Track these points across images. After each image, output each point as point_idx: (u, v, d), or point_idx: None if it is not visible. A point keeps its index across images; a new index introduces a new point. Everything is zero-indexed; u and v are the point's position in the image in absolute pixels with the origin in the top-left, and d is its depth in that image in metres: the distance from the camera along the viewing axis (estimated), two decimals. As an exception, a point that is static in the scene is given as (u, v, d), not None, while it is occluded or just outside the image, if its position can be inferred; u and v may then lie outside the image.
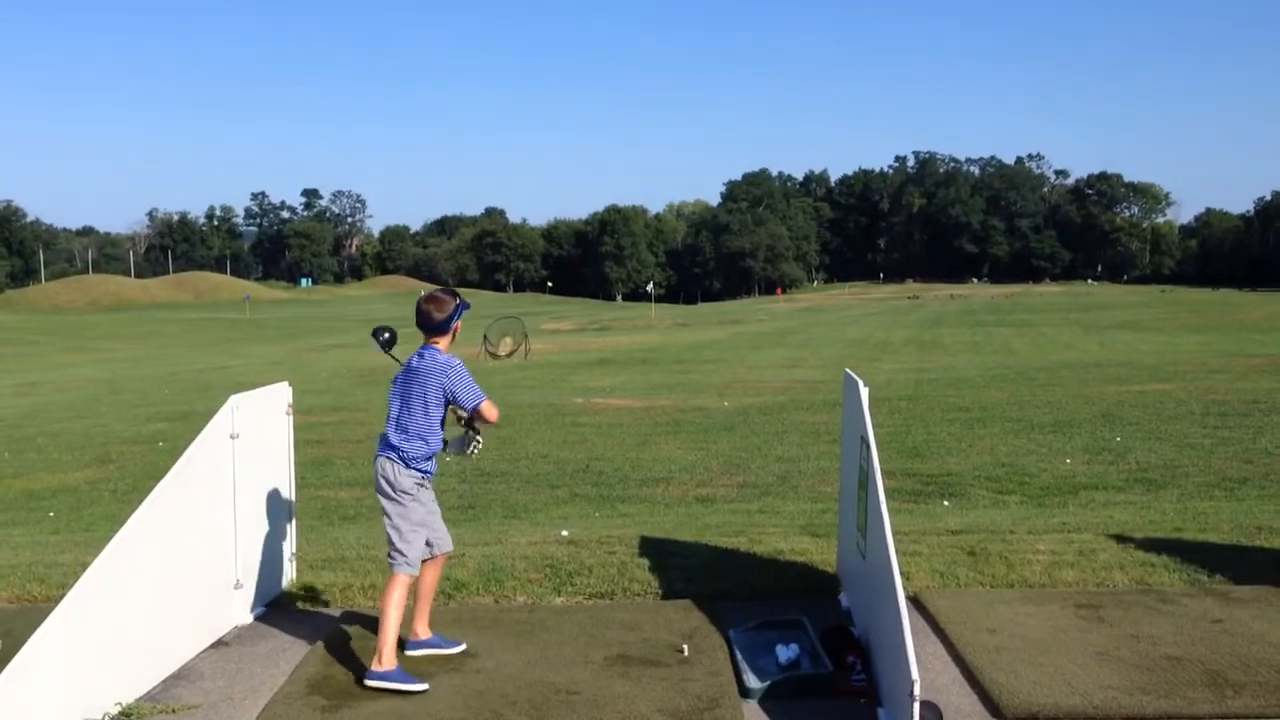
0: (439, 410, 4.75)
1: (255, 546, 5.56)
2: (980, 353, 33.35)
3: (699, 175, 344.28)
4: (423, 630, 4.97)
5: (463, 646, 4.97)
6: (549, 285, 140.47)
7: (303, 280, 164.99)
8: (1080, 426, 13.85)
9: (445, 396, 4.74)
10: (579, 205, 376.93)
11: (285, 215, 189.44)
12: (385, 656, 4.56)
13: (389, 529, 4.78)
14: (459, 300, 4.88)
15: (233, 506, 5.26)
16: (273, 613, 5.62)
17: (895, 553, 4.04)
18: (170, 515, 4.71)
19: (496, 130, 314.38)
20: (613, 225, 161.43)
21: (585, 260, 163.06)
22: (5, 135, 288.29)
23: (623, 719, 4.20)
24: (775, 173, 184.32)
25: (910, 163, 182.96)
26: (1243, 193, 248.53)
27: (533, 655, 4.88)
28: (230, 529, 5.27)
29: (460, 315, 4.87)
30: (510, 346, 36.08)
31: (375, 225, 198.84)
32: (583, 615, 5.46)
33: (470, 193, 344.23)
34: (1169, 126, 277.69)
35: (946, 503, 9.38)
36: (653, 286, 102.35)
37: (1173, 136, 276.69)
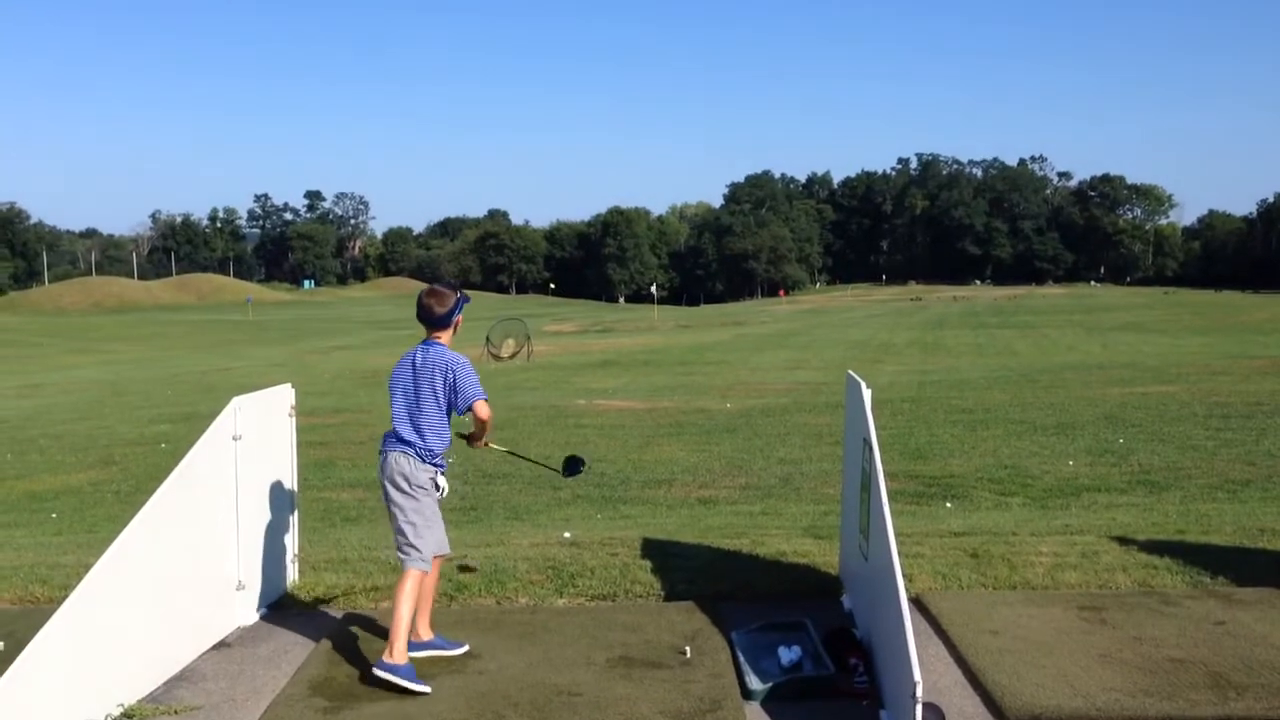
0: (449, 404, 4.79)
1: (257, 548, 5.56)
2: (983, 354, 33.34)
3: (702, 177, 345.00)
4: (425, 631, 4.97)
5: (465, 648, 4.98)
6: (551, 287, 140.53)
7: (305, 282, 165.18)
8: (1083, 428, 13.84)
9: (448, 390, 4.74)
10: (582, 207, 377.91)
11: (288, 217, 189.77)
12: (398, 651, 4.56)
13: (403, 524, 4.77)
14: (460, 294, 4.91)
15: (235, 508, 5.27)
16: (275, 614, 5.63)
17: (897, 554, 4.04)
18: (173, 517, 4.71)
19: (499, 132, 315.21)
20: (615, 227, 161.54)
21: (588, 262, 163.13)
22: (8, 137, 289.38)
23: (625, 721, 4.20)
24: (778, 174, 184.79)
25: (913, 164, 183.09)
26: (1245, 195, 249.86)
27: (535, 657, 4.88)
28: (232, 530, 5.28)
29: (461, 309, 4.90)
30: (513, 348, 36.11)
31: (378, 227, 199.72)
32: (585, 617, 5.46)
33: (473, 194, 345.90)
34: (1172, 128, 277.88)
35: (949, 504, 9.37)
36: (656, 288, 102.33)
37: (1175, 138, 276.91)
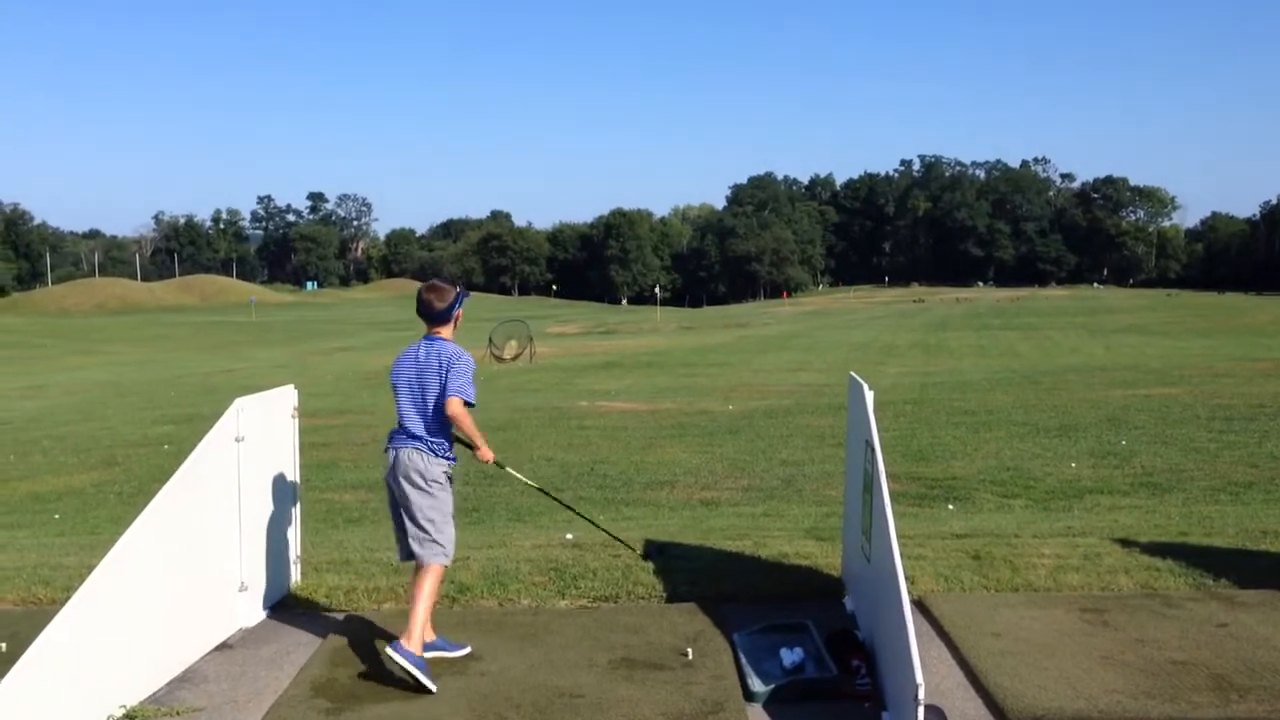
0: None
1: (260, 549, 5.57)
2: (985, 356, 33.32)
3: (704, 179, 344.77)
4: (427, 633, 4.97)
5: (467, 649, 4.98)
6: (554, 288, 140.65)
7: (308, 283, 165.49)
8: (1085, 430, 13.83)
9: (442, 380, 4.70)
10: (584, 209, 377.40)
11: (291, 218, 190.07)
12: (415, 640, 4.58)
13: (422, 522, 4.76)
14: (459, 288, 4.92)
15: (237, 509, 5.27)
16: (277, 615, 5.63)
17: (900, 556, 4.04)
18: (175, 518, 4.72)
19: (501, 133, 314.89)
20: (618, 229, 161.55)
21: (590, 264, 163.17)
22: (12, 139, 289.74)
23: (626, 722, 4.20)
24: (781, 176, 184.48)
25: (916, 166, 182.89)
26: (1248, 197, 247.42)
27: (537, 658, 4.88)
28: (235, 531, 5.29)
29: (461, 303, 4.90)
30: (515, 350, 36.18)
31: (381, 228, 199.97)
32: (587, 618, 5.47)
33: (476, 196, 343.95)
34: (1175, 130, 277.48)
35: (951, 506, 9.36)
36: (660, 289, 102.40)
37: (1178, 140, 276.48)
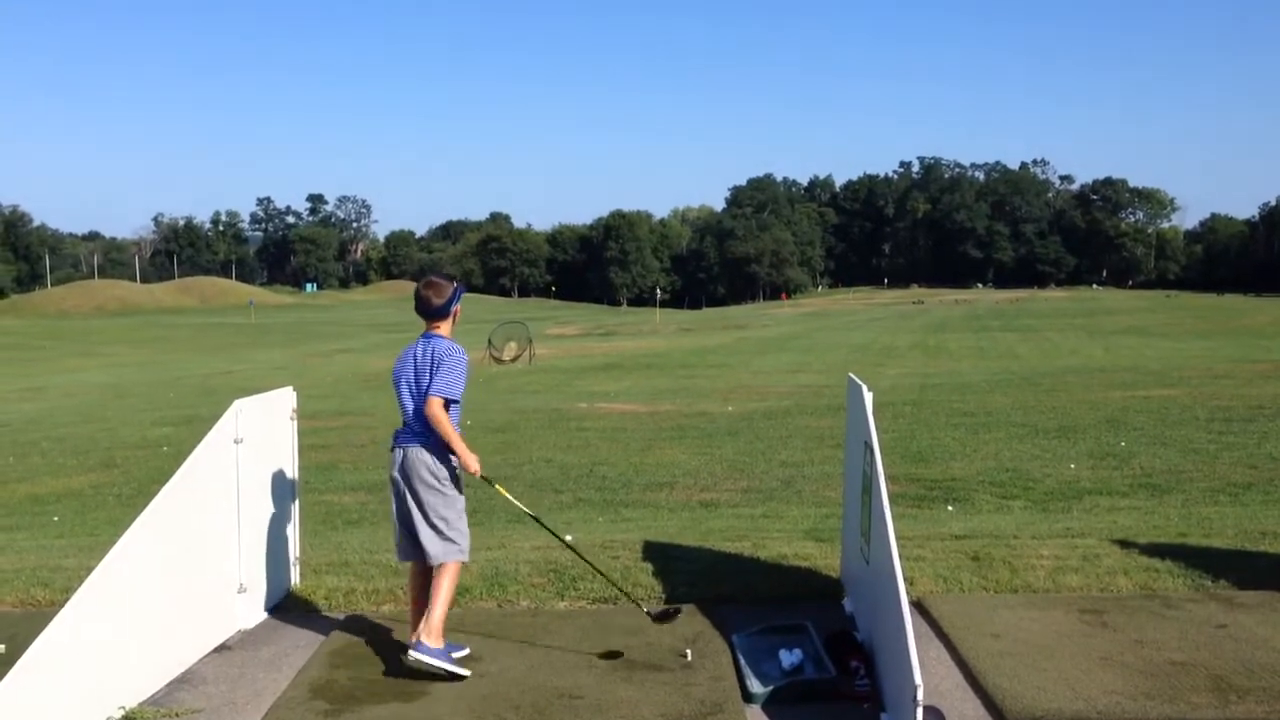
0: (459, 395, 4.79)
1: (259, 551, 5.57)
2: (985, 358, 33.34)
3: (704, 180, 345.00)
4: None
5: (466, 651, 4.97)
6: (553, 290, 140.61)
7: (308, 285, 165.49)
8: (1085, 431, 13.83)
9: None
10: (584, 210, 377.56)
11: (290, 220, 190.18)
12: (436, 632, 4.60)
13: (435, 520, 4.75)
14: (457, 284, 4.91)
15: (236, 511, 5.27)
16: (276, 617, 5.63)
17: (899, 558, 4.05)
18: (174, 520, 4.72)
19: (501, 134, 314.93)
20: (617, 230, 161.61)
21: (590, 265, 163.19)
22: (11, 140, 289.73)
23: (625, 724, 4.20)
24: (780, 178, 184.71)
25: (915, 168, 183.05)
26: (1248, 198, 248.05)
27: (536, 660, 4.88)
28: (234, 533, 5.29)
29: (459, 298, 4.89)
30: (514, 351, 36.21)
31: (380, 230, 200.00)
32: (586, 620, 5.47)
33: (475, 197, 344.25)
34: (1174, 131, 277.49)
35: (950, 508, 9.36)
36: (660, 290, 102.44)
37: (1178, 142, 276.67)
